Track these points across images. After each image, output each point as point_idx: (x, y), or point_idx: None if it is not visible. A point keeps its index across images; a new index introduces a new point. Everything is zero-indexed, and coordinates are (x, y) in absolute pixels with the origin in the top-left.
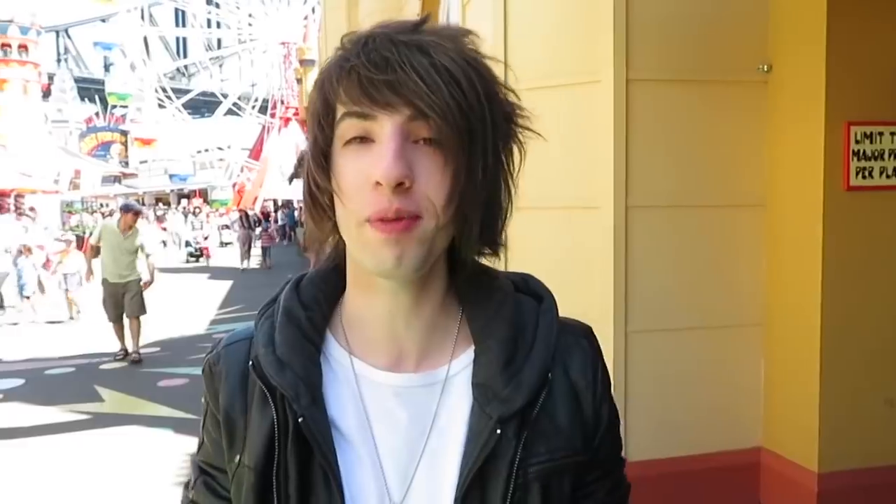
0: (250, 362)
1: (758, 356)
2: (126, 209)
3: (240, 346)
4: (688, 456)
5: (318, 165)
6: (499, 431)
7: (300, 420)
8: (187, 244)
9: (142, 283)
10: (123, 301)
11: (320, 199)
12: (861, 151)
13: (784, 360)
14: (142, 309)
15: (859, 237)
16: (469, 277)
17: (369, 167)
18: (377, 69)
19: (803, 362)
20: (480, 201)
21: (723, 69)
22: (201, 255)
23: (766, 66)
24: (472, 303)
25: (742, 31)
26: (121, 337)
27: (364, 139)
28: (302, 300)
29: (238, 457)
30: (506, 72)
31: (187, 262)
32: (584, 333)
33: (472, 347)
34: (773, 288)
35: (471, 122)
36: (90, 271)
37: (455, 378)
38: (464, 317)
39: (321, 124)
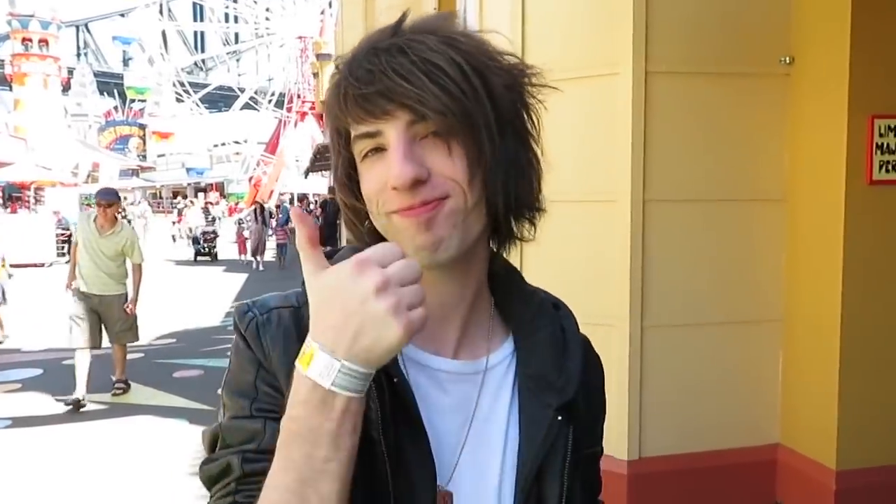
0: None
1: (776, 352)
2: (103, 199)
3: (289, 314)
4: (704, 452)
5: (342, 185)
6: (560, 418)
7: (395, 380)
8: (195, 241)
9: (126, 304)
10: (102, 321)
11: (352, 215)
12: (885, 145)
13: (803, 357)
14: (132, 334)
15: (881, 232)
16: (502, 273)
17: (384, 174)
18: (364, 83)
19: (822, 359)
20: (503, 169)
21: (743, 61)
22: (210, 254)
23: (788, 58)
24: (508, 297)
25: (763, 23)
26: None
27: (378, 149)
28: None
29: None
30: (523, 51)
31: (195, 260)
32: (587, 342)
33: (509, 339)
34: (793, 284)
35: (465, 102)
36: (71, 276)
37: (494, 369)
38: (496, 309)
39: (339, 149)
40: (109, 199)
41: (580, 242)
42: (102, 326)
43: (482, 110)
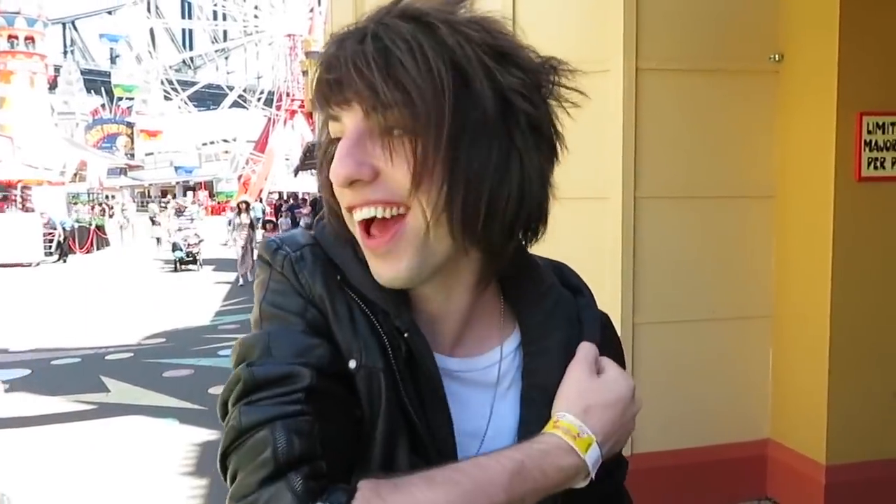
0: (338, 276)
1: (766, 348)
2: None
3: (317, 251)
4: (695, 448)
5: (326, 180)
6: None
7: (405, 335)
8: (175, 247)
9: None
10: None
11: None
12: (873, 142)
13: (792, 352)
14: None
15: (870, 228)
16: (514, 269)
17: None
18: (327, 70)
19: (812, 354)
20: (463, 180)
21: (733, 58)
22: (194, 261)
23: (777, 56)
24: (520, 296)
25: (753, 20)
26: None
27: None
28: None
29: (355, 359)
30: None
31: (176, 269)
32: (607, 322)
33: (515, 332)
34: (783, 280)
35: (416, 98)
36: None
37: (505, 360)
38: (506, 309)
39: (325, 140)
40: None
41: (571, 240)
42: None
43: (439, 109)
